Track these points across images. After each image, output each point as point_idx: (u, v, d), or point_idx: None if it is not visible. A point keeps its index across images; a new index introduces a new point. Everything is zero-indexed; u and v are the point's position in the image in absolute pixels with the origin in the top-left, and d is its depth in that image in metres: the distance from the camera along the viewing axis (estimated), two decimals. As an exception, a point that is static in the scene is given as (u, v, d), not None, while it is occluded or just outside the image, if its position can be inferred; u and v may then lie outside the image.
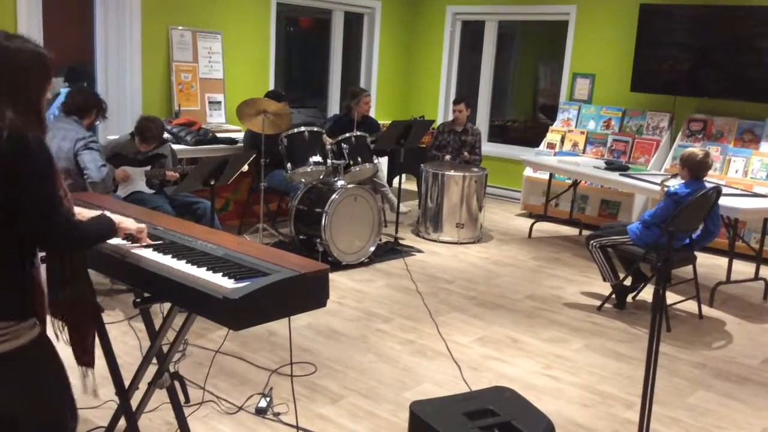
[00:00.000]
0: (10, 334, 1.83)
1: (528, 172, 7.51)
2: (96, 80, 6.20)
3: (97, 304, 2.22)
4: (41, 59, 1.89)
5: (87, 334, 2.12)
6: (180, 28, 6.52)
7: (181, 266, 2.08)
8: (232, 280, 1.97)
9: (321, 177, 5.56)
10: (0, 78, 1.81)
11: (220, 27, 6.83)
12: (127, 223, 2.17)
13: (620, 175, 5.90)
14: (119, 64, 6.20)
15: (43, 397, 1.93)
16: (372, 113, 7.06)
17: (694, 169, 4.49)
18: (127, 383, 2.55)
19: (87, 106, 4.48)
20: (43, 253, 2.03)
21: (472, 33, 8.77)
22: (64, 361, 1.99)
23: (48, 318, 1.99)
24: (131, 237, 2.24)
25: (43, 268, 1.99)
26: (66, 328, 2.14)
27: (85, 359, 2.18)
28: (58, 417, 1.97)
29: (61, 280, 2.02)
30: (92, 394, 2.10)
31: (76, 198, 2.72)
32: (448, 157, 6.84)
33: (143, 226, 2.25)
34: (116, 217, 2.12)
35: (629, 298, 4.91)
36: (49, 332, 1.98)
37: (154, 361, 2.61)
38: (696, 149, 4.59)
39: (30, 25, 5.50)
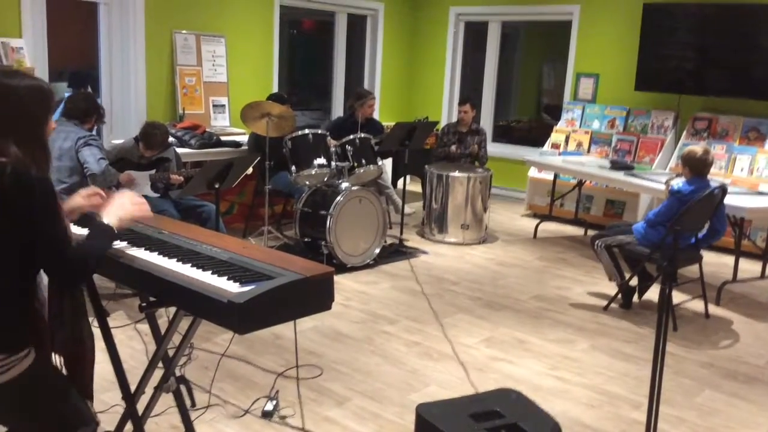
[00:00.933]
0: (5, 367, 1.85)
1: (533, 172, 7.50)
2: (100, 85, 6.22)
3: (93, 343, 2.19)
4: (41, 93, 1.93)
5: (84, 373, 2.11)
6: (184, 31, 6.54)
7: (186, 270, 2.08)
8: (237, 284, 1.96)
9: (325, 179, 5.56)
10: (3, 112, 1.85)
11: (223, 30, 6.85)
12: (121, 212, 2.09)
13: (625, 174, 5.88)
14: (123, 68, 6.21)
15: (44, 417, 1.95)
16: (376, 115, 7.07)
17: (695, 166, 4.48)
18: (133, 387, 2.55)
19: (88, 111, 4.58)
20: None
21: (475, 34, 8.77)
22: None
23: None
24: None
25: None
26: (64, 364, 2.14)
27: (82, 394, 2.15)
28: (62, 426, 1.98)
29: (59, 318, 2.02)
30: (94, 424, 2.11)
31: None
32: (453, 147, 6.83)
33: (139, 205, 2.15)
34: (109, 218, 2.05)
35: (635, 298, 4.90)
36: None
37: (160, 365, 2.61)
38: (695, 147, 4.57)
39: (34, 30, 5.52)
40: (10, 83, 1.88)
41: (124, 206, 2.11)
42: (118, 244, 2.25)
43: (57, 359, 2.11)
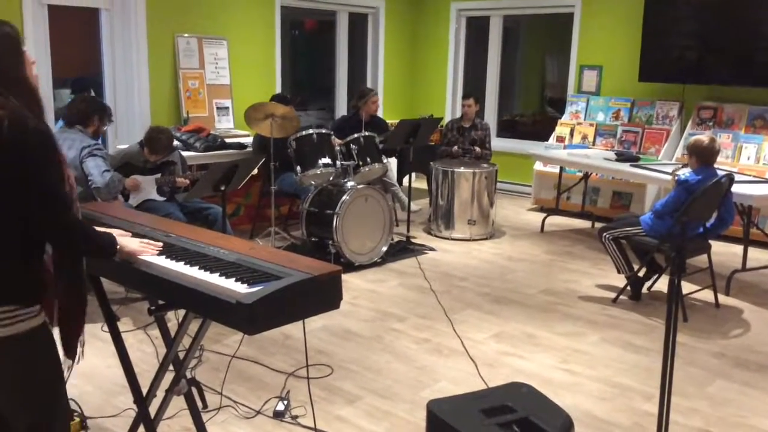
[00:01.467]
0: (10, 319, 1.82)
1: (538, 166, 7.48)
2: (104, 90, 6.24)
3: (86, 297, 2.17)
4: (7, 36, 1.88)
5: (74, 329, 2.06)
6: (186, 35, 6.55)
7: (194, 272, 2.09)
8: (245, 285, 1.97)
9: (331, 178, 5.57)
10: None
11: (225, 33, 6.86)
12: (131, 245, 2.16)
13: (631, 165, 5.86)
14: (126, 73, 6.23)
15: (35, 391, 1.92)
16: (379, 113, 7.07)
17: (702, 155, 4.46)
18: (144, 391, 2.57)
19: (87, 112, 4.48)
20: None
21: (477, 29, 8.75)
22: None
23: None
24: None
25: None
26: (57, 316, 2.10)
27: (68, 351, 2.10)
28: (49, 414, 1.95)
29: (58, 264, 1.98)
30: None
31: (89, 209, 2.74)
32: (456, 147, 6.83)
33: (145, 245, 2.22)
34: (121, 239, 2.11)
35: (644, 289, 4.88)
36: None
37: (171, 368, 2.62)
38: (701, 136, 4.55)
39: (36, 37, 5.55)
40: None
41: (137, 242, 2.18)
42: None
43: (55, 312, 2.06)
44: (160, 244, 2.28)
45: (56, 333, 2.00)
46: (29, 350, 1.88)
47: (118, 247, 2.08)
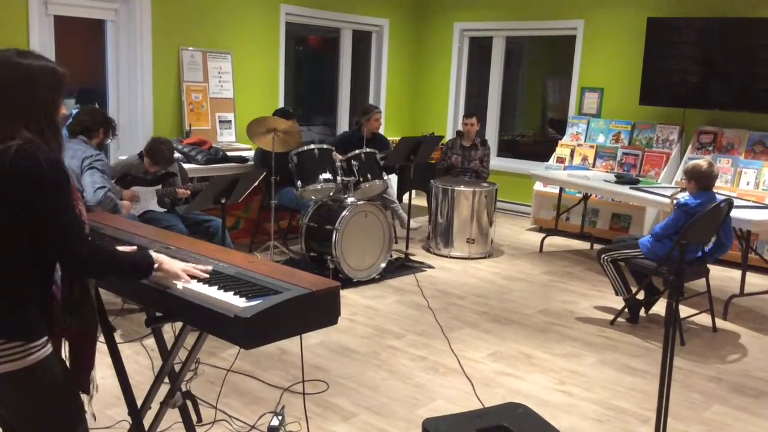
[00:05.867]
0: (17, 354, 1.79)
1: (538, 186, 7.50)
2: (107, 101, 6.27)
3: (96, 336, 2.16)
4: (54, 74, 1.89)
5: (85, 365, 2.07)
6: (190, 48, 6.59)
7: (193, 285, 2.08)
8: (243, 299, 1.97)
9: (331, 194, 5.58)
10: (14, 94, 1.81)
11: (230, 47, 6.90)
12: (171, 266, 2.07)
13: (631, 188, 5.88)
14: (130, 84, 6.26)
15: (51, 422, 1.91)
16: (381, 130, 7.09)
17: (701, 180, 4.47)
18: (139, 403, 2.55)
19: (92, 125, 4.45)
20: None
21: (479, 49, 8.81)
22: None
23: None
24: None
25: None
26: (68, 351, 2.11)
27: (81, 385, 2.11)
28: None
29: (68, 306, 1.98)
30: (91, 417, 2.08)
31: (90, 219, 2.75)
32: (455, 156, 6.84)
33: (189, 269, 2.12)
34: (158, 256, 2.04)
35: (642, 312, 4.88)
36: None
37: (166, 380, 2.62)
38: (699, 161, 4.57)
39: (42, 47, 5.57)
40: (23, 62, 1.84)
41: (179, 265, 2.10)
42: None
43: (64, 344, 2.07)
44: (209, 267, 2.18)
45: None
46: (40, 381, 1.85)
47: (155, 265, 2.02)
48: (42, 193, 1.76)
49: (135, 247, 2.17)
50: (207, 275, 2.14)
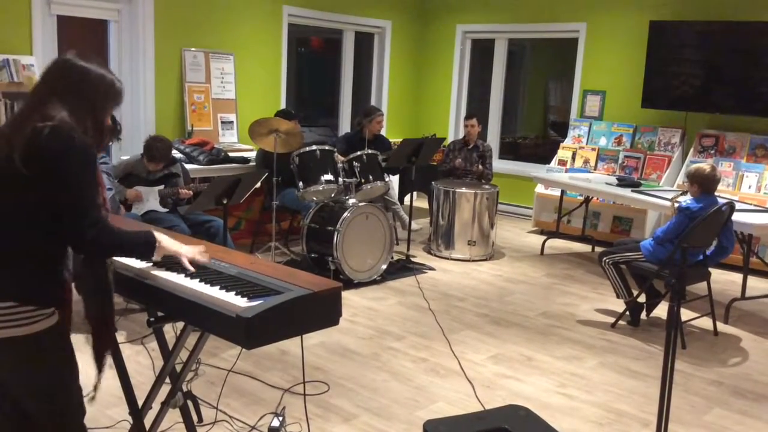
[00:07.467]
0: (27, 318, 1.89)
1: (539, 188, 7.50)
2: (110, 102, 6.27)
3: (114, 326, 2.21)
4: (111, 85, 2.02)
5: (101, 350, 2.11)
6: (193, 49, 6.59)
7: (195, 285, 2.09)
8: (245, 299, 1.97)
9: (332, 195, 5.58)
10: (66, 86, 1.94)
11: (232, 48, 6.90)
12: (171, 245, 2.14)
13: (632, 191, 5.88)
14: (133, 85, 6.27)
15: (52, 390, 1.99)
16: (383, 131, 7.10)
17: (704, 183, 4.47)
18: (140, 403, 2.56)
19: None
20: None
21: (481, 51, 8.81)
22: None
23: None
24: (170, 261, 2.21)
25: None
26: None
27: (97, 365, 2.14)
28: (66, 409, 2.05)
29: (86, 293, 2.05)
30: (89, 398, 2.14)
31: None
32: (459, 161, 6.84)
33: (196, 251, 2.22)
34: (159, 236, 2.12)
35: (643, 315, 4.87)
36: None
37: (167, 380, 2.62)
38: (702, 164, 4.57)
39: (45, 47, 5.58)
40: (83, 64, 1.98)
41: (172, 245, 2.16)
42: (127, 259, 2.26)
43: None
44: (207, 259, 2.25)
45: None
46: (47, 348, 1.95)
47: (156, 244, 2.09)
48: (67, 172, 1.85)
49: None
50: (206, 260, 2.23)
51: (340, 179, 5.56)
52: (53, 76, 1.98)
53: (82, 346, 2.09)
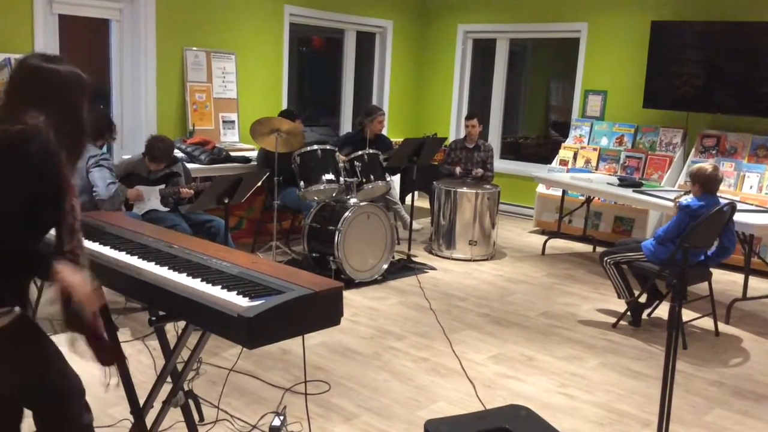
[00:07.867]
0: None
1: (541, 188, 7.50)
2: (111, 101, 6.28)
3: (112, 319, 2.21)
4: (80, 78, 2.04)
5: (97, 335, 2.04)
6: (194, 48, 6.60)
7: (196, 284, 2.09)
8: (246, 299, 1.97)
9: (334, 195, 5.58)
10: (37, 89, 1.94)
11: (233, 47, 6.90)
12: (68, 275, 1.92)
13: (634, 191, 5.88)
14: (134, 84, 6.27)
15: (27, 377, 2.00)
16: (384, 131, 7.09)
17: (705, 183, 4.47)
18: (141, 402, 2.56)
19: (101, 131, 4.62)
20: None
21: (483, 50, 8.81)
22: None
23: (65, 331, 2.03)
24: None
25: None
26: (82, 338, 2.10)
27: (107, 359, 2.10)
28: (57, 388, 2.04)
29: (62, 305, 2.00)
30: (106, 387, 2.15)
31: (92, 217, 2.75)
32: (458, 169, 6.83)
33: (86, 291, 1.95)
34: (61, 266, 1.93)
35: (644, 315, 4.87)
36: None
37: (169, 379, 2.62)
38: (704, 164, 4.57)
39: (46, 46, 5.58)
40: (48, 66, 1.99)
41: (69, 276, 1.94)
42: (129, 258, 2.26)
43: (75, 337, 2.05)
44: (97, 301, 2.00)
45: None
46: (10, 341, 1.96)
47: (51, 270, 1.92)
48: (6, 173, 1.85)
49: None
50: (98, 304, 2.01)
51: (342, 179, 5.56)
52: (25, 84, 1.97)
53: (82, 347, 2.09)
